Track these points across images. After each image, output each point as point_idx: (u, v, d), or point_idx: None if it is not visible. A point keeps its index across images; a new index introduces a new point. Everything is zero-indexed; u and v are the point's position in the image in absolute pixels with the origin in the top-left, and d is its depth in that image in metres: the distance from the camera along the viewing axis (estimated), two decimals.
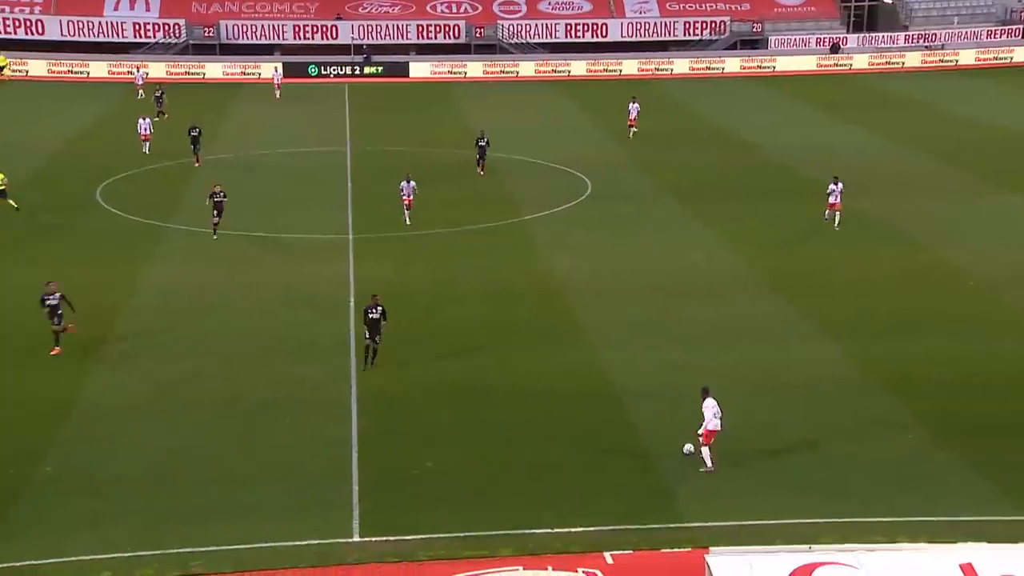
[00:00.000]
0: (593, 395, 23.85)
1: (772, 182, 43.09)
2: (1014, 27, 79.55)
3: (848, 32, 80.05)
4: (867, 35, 79.79)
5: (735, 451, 21.22)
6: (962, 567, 15.23)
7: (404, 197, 36.44)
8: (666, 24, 78.04)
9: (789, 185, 42.61)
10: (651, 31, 77.89)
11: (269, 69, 71.47)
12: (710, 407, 20.59)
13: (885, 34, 79.58)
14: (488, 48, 76.18)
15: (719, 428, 20.53)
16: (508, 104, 62.48)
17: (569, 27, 77.29)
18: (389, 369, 25.13)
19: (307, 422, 22.60)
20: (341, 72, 71.46)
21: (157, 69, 70.29)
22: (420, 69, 72.49)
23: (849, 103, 61.46)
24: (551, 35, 77.11)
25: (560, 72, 72.93)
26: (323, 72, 71.35)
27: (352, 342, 26.71)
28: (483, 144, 43.45)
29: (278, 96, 62.50)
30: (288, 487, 20.04)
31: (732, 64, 74.44)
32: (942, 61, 76.11)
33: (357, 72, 71.63)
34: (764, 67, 74.49)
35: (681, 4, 79.58)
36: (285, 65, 71.85)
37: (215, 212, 34.79)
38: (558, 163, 46.18)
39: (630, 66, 73.59)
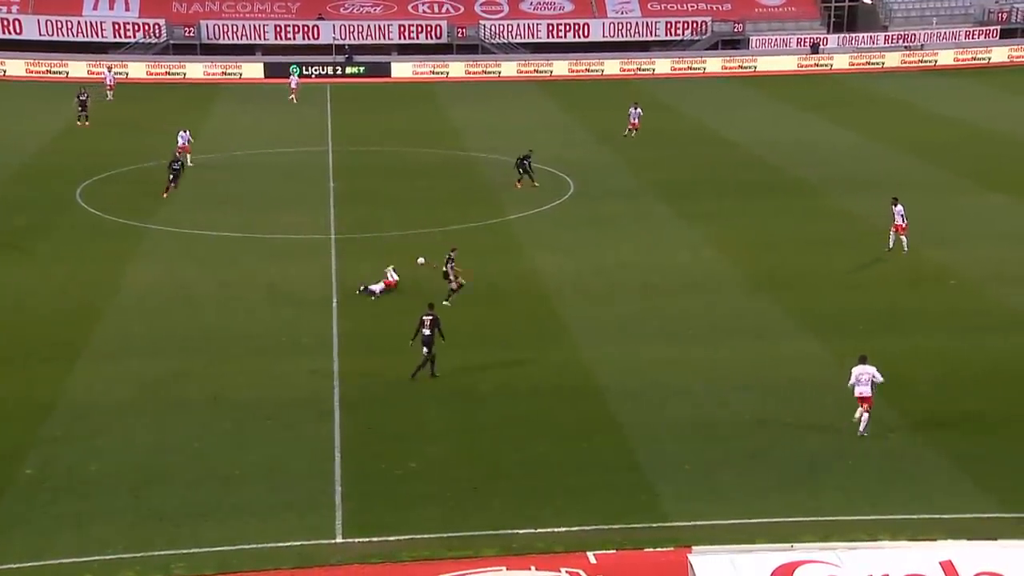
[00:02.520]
0: (578, 393, 23.87)
1: (755, 181, 43.23)
2: (991, 27, 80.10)
3: (828, 32, 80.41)
4: (847, 35, 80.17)
5: (718, 449, 21.31)
6: (942, 564, 15.32)
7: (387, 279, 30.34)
8: (647, 24, 78.19)
9: (773, 184, 42.78)
10: (633, 31, 78.03)
11: (250, 69, 71.35)
12: (857, 375, 21.53)
13: (865, 34, 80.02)
14: (470, 48, 76.15)
15: (867, 395, 21.46)
16: (490, 104, 62.47)
17: (551, 27, 77.35)
18: (372, 368, 25.09)
19: (291, 422, 22.54)
20: (323, 72, 71.25)
21: (137, 69, 69.95)
22: (402, 69, 72.40)
23: (830, 103, 61.73)
24: (533, 35, 77.15)
25: (542, 72, 72.96)
26: (305, 72, 71.09)
27: (336, 341, 26.67)
28: (526, 161, 41.72)
29: (294, 100, 61.22)
30: (271, 487, 19.98)
31: (713, 64, 74.67)
32: (921, 61, 76.56)
33: (339, 72, 71.47)
34: (745, 67, 74.75)
35: (662, 4, 79.77)
36: (266, 65, 71.66)
37: (445, 277, 29.40)
38: (541, 163, 46.12)
39: (612, 66, 73.71)
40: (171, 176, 40.70)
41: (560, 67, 73.26)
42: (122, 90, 62.99)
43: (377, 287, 29.87)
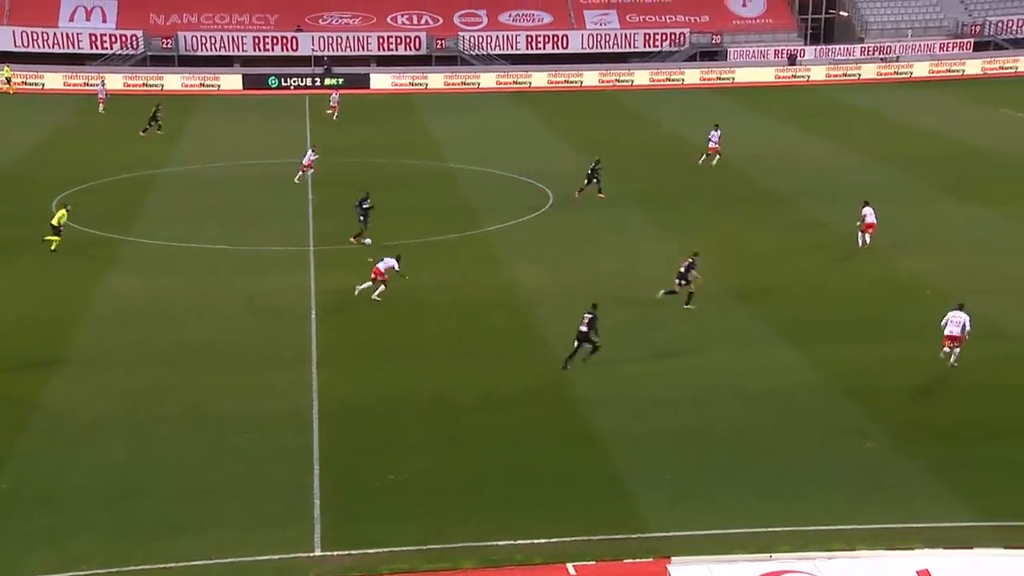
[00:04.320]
0: (557, 404, 23.88)
1: (733, 192, 43.45)
2: (965, 40, 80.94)
3: (805, 44, 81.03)
4: (824, 47, 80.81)
5: (698, 459, 21.36)
6: (919, 573, 15.44)
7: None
8: (626, 36, 78.60)
9: (751, 195, 43.00)
10: (611, 43, 78.39)
11: (229, 81, 71.20)
12: (950, 317, 25.24)
13: (841, 46, 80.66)
14: (449, 60, 76.29)
15: (954, 334, 25.08)
16: (469, 116, 62.57)
17: (530, 39, 77.60)
18: (352, 380, 25.04)
19: (269, 434, 22.44)
20: (301, 83, 71.24)
21: (114, 81, 69.63)
22: (381, 81, 72.44)
23: (808, 114, 62.15)
24: (512, 47, 77.37)
25: (521, 83, 73.17)
26: (283, 84, 71.10)
27: (315, 353, 26.58)
28: (591, 171, 41.79)
29: (335, 117, 59.50)
30: (249, 500, 19.88)
31: (692, 75, 75.09)
32: (897, 73, 77.23)
33: (318, 83, 71.43)
34: (723, 78, 75.20)
35: (641, 16, 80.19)
36: (245, 77, 71.53)
37: (684, 280, 29.29)
38: (519, 174, 46.30)
39: (591, 77, 74.03)
40: (361, 218, 35.66)
41: (539, 78, 73.51)
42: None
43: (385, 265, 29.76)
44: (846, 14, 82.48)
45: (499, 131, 58.00)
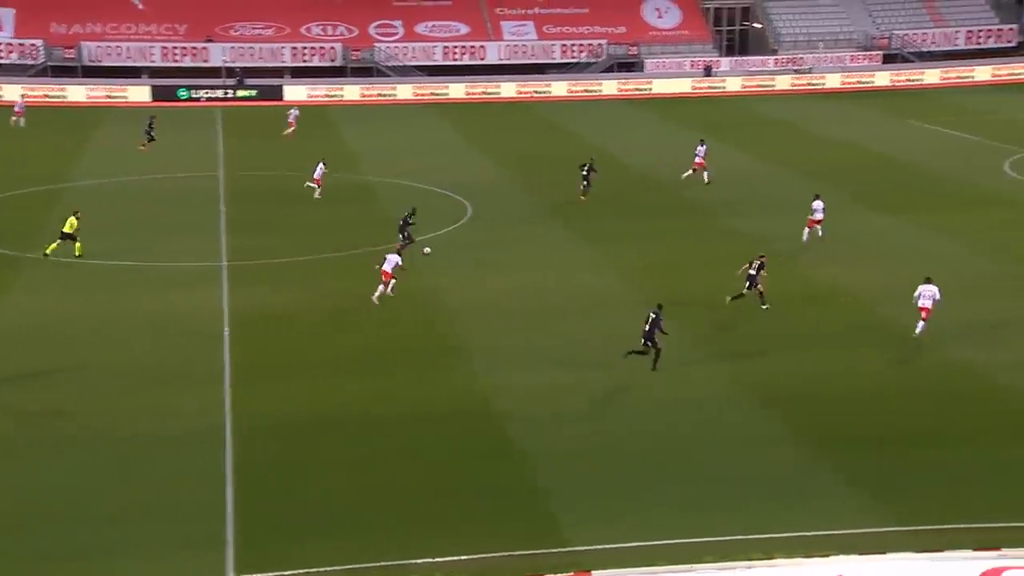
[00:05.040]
0: (477, 419, 23.62)
1: (652, 202, 43.70)
2: (874, 53, 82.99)
3: (721, 55, 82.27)
4: (739, 59, 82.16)
5: (619, 472, 21.26)
6: None
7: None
8: (544, 47, 78.94)
9: (669, 205, 43.28)
10: (529, 54, 78.68)
11: (136, 92, 69.57)
12: (922, 291, 27.45)
13: (756, 58, 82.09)
14: (365, 71, 75.71)
15: (927, 307, 27.33)
16: (386, 128, 62.11)
17: (447, 50, 77.47)
18: (265, 398, 24.45)
19: (180, 456, 21.78)
20: (213, 95, 69.98)
21: (12, 92, 67.47)
22: (295, 92, 71.55)
23: (724, 125, 62.93)
24: (429, 58, 77.15)
25: (439, 95, 72.95)
26: (194, 95, 69.77)
27: (228, 371, 25.90)
28: (586, 171, 42.44)
29: (290, 132, 57.14)
30: (159, 524, 19.25)
31: (609, 87, 75.67)
32: (810, 84, 78.78)
33: (230, 95, 70.26)
34: (641, 89, 75.93)
35: (558, 27, 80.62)
36: (153, 88, 70.03)
37: (754, 284, 29.85)
38: (437, 186, 46.02)
39: (509, 89, 74.14)
40: (405, 234, 34.93)
41: (456, 90, 73.39)
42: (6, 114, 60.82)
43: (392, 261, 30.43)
44: (760, 26, 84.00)
45: (417, 143, 57.67)
